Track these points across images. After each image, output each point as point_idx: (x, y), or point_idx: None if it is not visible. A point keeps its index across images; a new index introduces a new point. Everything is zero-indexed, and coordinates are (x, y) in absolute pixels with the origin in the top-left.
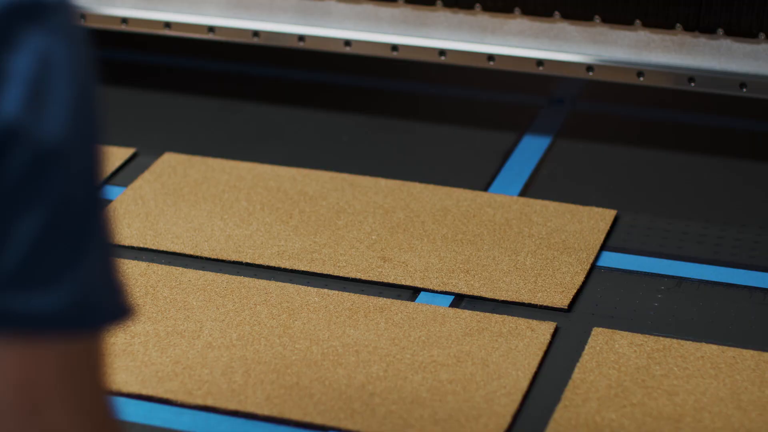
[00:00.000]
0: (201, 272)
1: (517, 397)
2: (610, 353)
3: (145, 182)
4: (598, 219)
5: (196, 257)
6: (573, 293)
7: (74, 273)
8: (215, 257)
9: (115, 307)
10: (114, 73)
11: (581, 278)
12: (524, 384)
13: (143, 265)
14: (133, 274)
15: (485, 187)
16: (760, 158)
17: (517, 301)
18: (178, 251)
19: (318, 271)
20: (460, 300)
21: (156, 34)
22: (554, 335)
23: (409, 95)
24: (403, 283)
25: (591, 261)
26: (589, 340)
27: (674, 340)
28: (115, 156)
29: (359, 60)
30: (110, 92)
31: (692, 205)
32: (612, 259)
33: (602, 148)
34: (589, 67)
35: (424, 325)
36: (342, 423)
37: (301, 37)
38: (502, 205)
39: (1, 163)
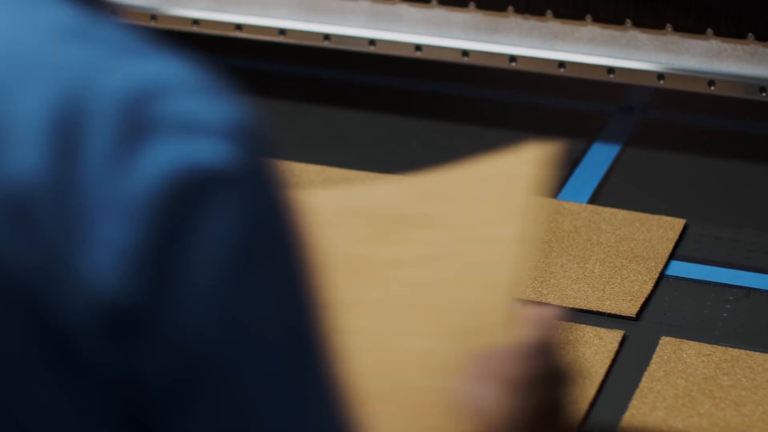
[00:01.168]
0: None
1: (584, 405)
2: (678, 363)
3: None
4: (667, 228)
5: None
6: (641, 302)
7: None
8: None
9: None
10: None
11: (649, 287)
12: (591, 392)
13: None
14: None
15: (554, 194)
16: None
17: (585, 308)
18: None
19: None
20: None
21: (224, 36)
22: (622, 343)
23: (478, 101)
24: None
25: (659, 270)
26: (657, 349)
27: (742, 351)
28: None
29: (428, 64)
30: None
31: (762, 216)
32: (681, 269)
33: (672, 157)
34: (660, 76)
35: None
36: None
37: (372, 41)
38: (570, 212)
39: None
